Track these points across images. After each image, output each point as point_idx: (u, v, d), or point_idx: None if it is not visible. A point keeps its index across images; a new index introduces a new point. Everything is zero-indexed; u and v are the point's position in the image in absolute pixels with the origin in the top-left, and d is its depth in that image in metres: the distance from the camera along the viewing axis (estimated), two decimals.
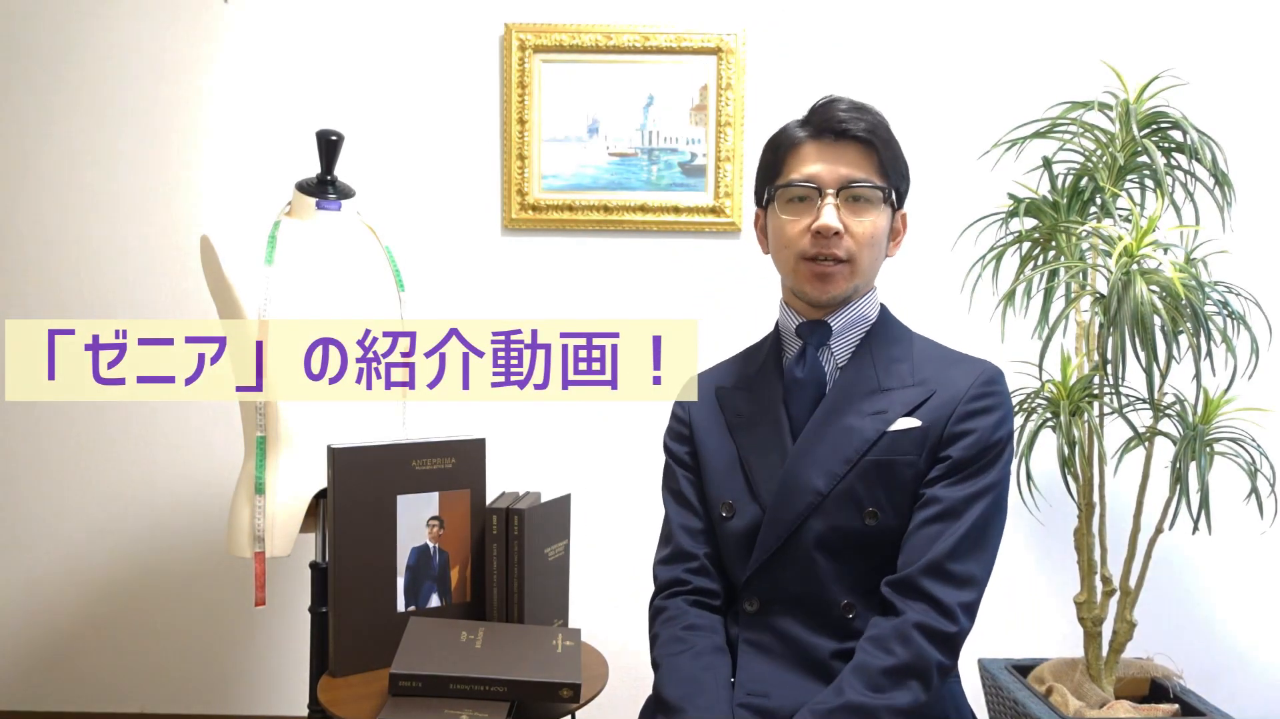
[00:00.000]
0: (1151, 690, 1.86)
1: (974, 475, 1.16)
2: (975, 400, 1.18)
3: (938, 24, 2.28)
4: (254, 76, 2.30)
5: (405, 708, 1.33)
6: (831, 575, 1.18)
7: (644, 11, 2.28)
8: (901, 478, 1.17)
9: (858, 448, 1.17)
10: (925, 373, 1.22)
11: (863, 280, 1.23)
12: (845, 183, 1.19)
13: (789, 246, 1.23)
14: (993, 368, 1.22)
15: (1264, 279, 1.98)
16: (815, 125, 1.22)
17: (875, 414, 1.19)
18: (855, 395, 1.21)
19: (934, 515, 1.15)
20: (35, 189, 2.31)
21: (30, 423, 2.34)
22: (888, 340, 1.26)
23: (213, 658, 2.37)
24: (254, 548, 1.63)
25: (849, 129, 1.19)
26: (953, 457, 1.16)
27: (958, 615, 1.11)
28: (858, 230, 1.20)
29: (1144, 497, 1.75)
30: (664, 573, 1.31)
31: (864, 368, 1.23)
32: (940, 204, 2.24)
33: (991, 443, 1.17)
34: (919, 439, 1.17)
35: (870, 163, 1.20)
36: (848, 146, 1.20)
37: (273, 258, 1.67)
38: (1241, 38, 2.27)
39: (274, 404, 1.63)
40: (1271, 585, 2.32)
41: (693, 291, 2.32)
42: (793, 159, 1.23)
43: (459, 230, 2.32)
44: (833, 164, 1.20)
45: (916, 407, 1.18)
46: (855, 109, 1.21)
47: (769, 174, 1.27)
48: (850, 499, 1.17)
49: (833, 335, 1.25)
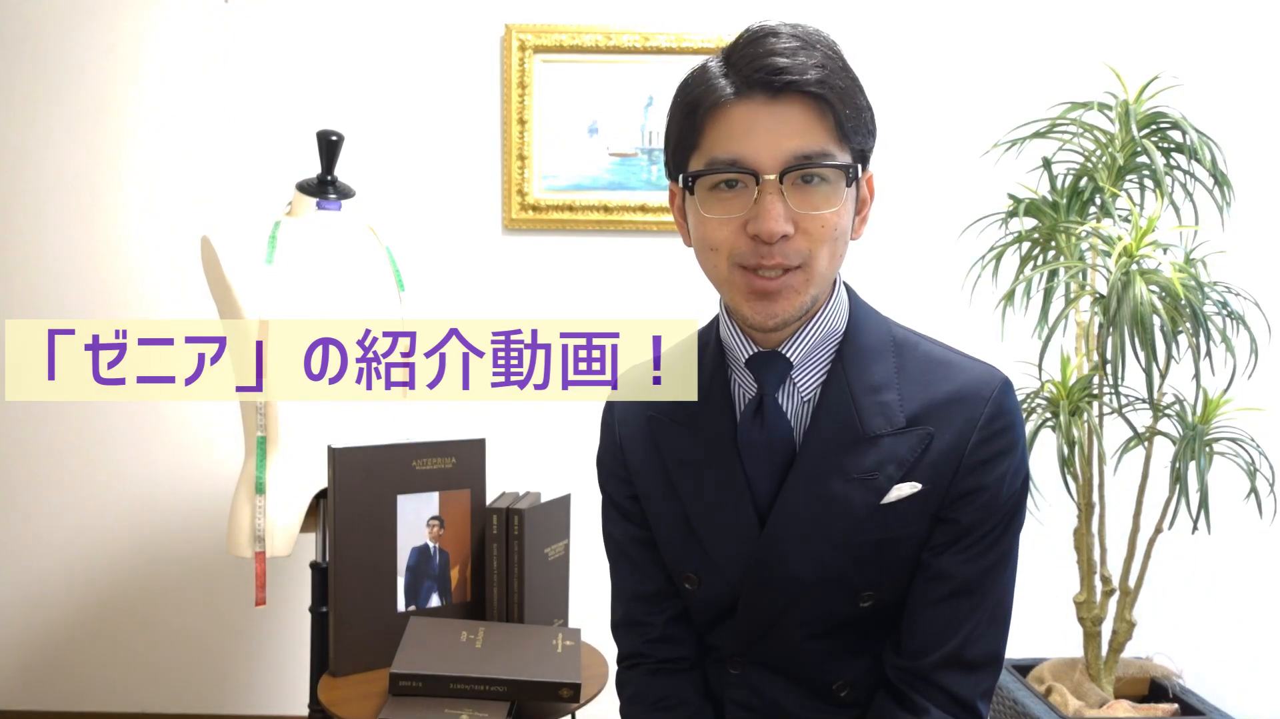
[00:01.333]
0: (1151, 690, 1.86)
1: (990, 542, 0.93)
2: (984, 445, 0.91)
3: (938, 24, 2.28)
4: (254, 76, 2.30)
5: (405, 708, 1.33)
6: (823, 654, 0.98)
7: (644, 11, 2.28)
8: (903, 553, 0.93)
9: (847, 530, 0.91)
10: (917, 401, 0.92)
11: (822, 286, 0.90)
12: (791, 162, 0.84)
13: (717, 250, 0.89)
14: (999, 384, 0.93)
15: (1263, 279, 1.99)
16: (743, 75, 0.85)
17: (864, 480, 0.91)
18: (834, 449, 0.92)
19: (946, 594, 0.92)
20: (35, 189, 2.31)
21: (30, 423, 2.34)
22: (865, 357, 0.94)
23: (213, 658, 2.37)
24: (254, 548, 1.63)
25: (793, 80, 0.83)
26: (961, 521, 0.92)
27: (978, 706, 0.94)
28: (812, 226, 0.85)
29: (1143, 496, 1.75)
30: (622, 641, 1.09)
31: (841, 406, 0.93)
32: (940, 203, 2.24)
33: (1004, 500, 0.92)
34: (920, 506, 0.91)
35: (824, 126, 0.85)
36: (791, 104, 0.84)
37: (273, 258, 1.67)
38: (1240, 38, 2.27)
39: (274, 404, 1.63)
40: (1271, 585, 2.32)
41: (693, 292, 2.32)
42: (713, 126, 0.86)
43: (459, 230, 2.32)
44: (772, 134, 0.84)
45: (913, 464, 0.91)
46: (799, 44, 0.85)
47: (682, 145, 0.90)
48: (841, 584, 0.94)
49: (795, 367, 0.94)
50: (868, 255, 2.14)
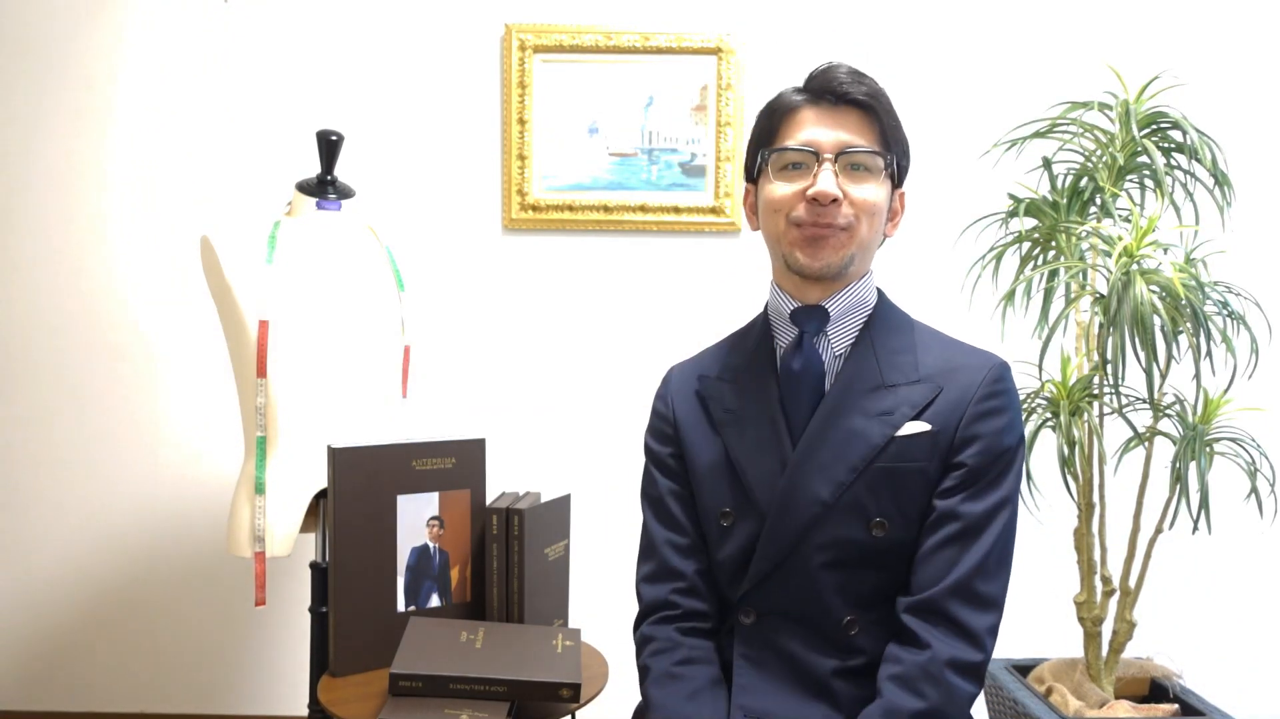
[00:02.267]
0: (1151, 690, 1.86)
1: (991, 486, 1.09)
2: (985, 400, 1.10)
3: (938, 25, 2.28)
4: (254, 76, 2.30)
5: (405, 708, 1.33)
6: (834, 589, 1.10)
7: (644, 11, 2.28)
8: (911, 486, 1.09)
9: (865, 454, 1.09)
10: (930, 366, 1.13)
11: (860, 251, 1.14)
12: (844, 148, 1.11)
13: (780, 211, 1.14)
14: (999, 362, 1.14)
15: (1263, 279, 1.99)
16: (813, 90, 1.15)
17: (881, 416, 1.10)
18: (858, 392, 1.12)
19: (954, 534, 1.07)
20: (35, 189, 2.31)
21: (30, 423, 2.34)
22: (888, 328, 1.17)
23: (213, 658, 2.37)
24: (254, 548, 1.63)
25: (849, 93, 1.12)
26: (967, 464, 1.09)
27: (985, 642, 1.06)
28: (857, 197, 1.11)
29: (1144, 497, 1.75)
30: (650, 592, 1.21)
31: (865, 360, 1.14)
32: (941, 203, 2.24)
33: (1003, 449, 1.10)
34: (929, 444, 1.09)
35: (871, 130, 1.13)
36: (848, 112, 1.13)
37: (273, 258, 1.67)
38: (1241, 38, 2.27)
39: (274, 404, 1.63)
40: (1271, 585, 2.32)
41: (693, 291, 2.32)
42: (788, 124, 1.14)
43: (459, 230, 2.32)
44: (832, 129, 1.12)
45: (924, 408, 1.10)
46: (855, 75, 1.14)
47: (763, 140, 1.18)
48: (856, 509, 1.09)
49: (830, 321, 1.16)
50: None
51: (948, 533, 1.08)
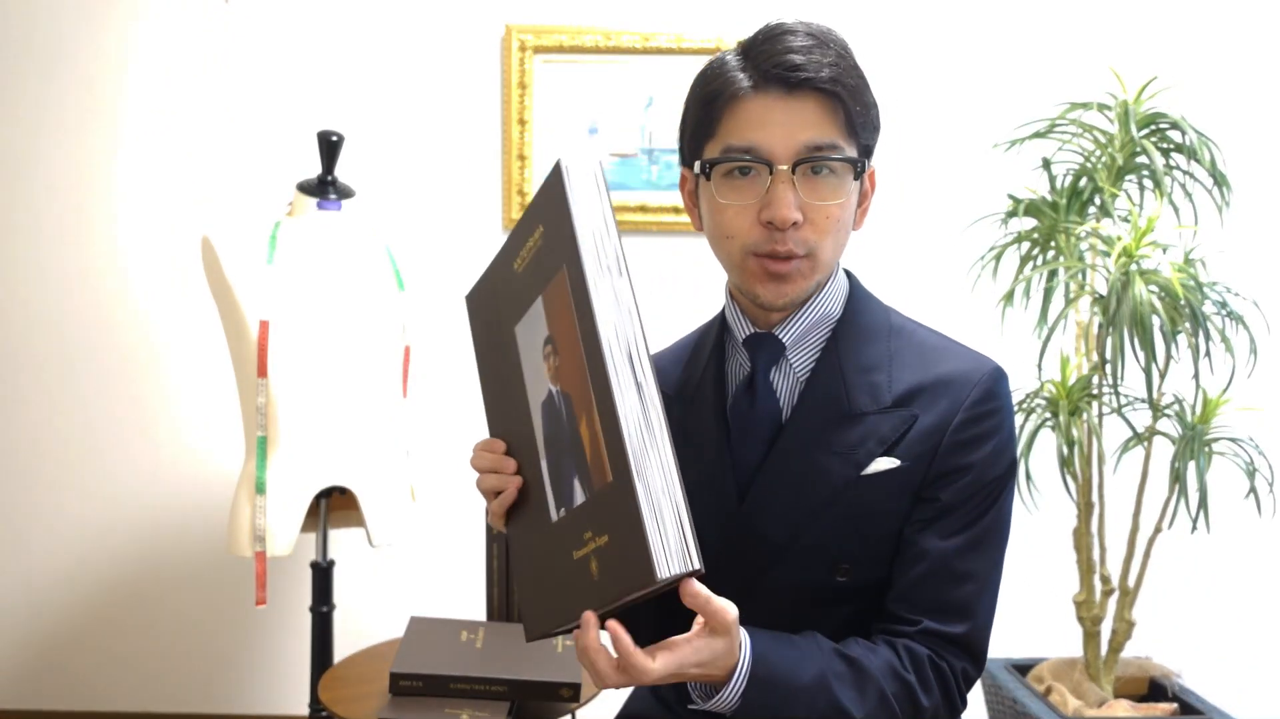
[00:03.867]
0: (1150, 689, 1.86)
1: (970, 521, 0.93)
2: (967, 427, 0.93)
3: (938, 25, 2.28)
4: (254, 76, 2.30)
5: (405, 708, 1.34)
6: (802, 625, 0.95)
7: (644, 11, 2.28)
8: (880, 528, 0.94)
9: (824, 498, 0.93)
10: (906, 385, 0.95)
11: (825, 273, 0.96)
12: (803, 153, 0.89)
13: (732, 237, 0.93)
14: (989, 371, 0.96)
15: (1262, 279, 1.99)
16: (760, 69, 0.90)
17: (844, 454, 0.93)
18: (819, 425, 0.95)
19: (925, 571, 0.93)
20: (35, 189, 2.31)
21: (31, 423, 2.34)
22: (859, 339, 0.99)
23: (213, 658, 2.37)
24: (254, 548, 1.64)
25: (808, 77, 0.88)
26: (942, 499, 0.93)
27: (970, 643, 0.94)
28: (819, 217, 0.91)
29: (1143, 496, 1.75)
30: None
31: (830, 383, 0.96)
32: (941, 203, 2.24)
33: (988, 481, 0.94)
34: (897, 482, 0.93)
35: (835, 120, 0.90)
36: (805, 100, 0.89)
37: (273, 258, 1.67)
38: (1240, 39, 2.27)
39: (274, 404, 1.64)
40: (1271, 585, 2.32)
41: (693, 292, 2.32)
42: (730, 116, 0.91)
43: (459, 230, 2.32)
44: (786, 126, 0.89)
45: (895, 442, 0.93)
46: (814, 42, 0.90)
47: (699, 133, 0.95)
48: (818, 553, 0.94)
49: (787, 350, 0.99)
50: (868, 254, 2.14)
51: (920, 571, 0.93)
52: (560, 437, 0.84)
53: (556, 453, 0.85)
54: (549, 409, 0.86)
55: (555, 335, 0.84)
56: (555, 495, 0.85)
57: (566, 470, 0.83)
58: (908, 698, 0.90)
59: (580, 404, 0.80)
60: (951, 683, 0.93)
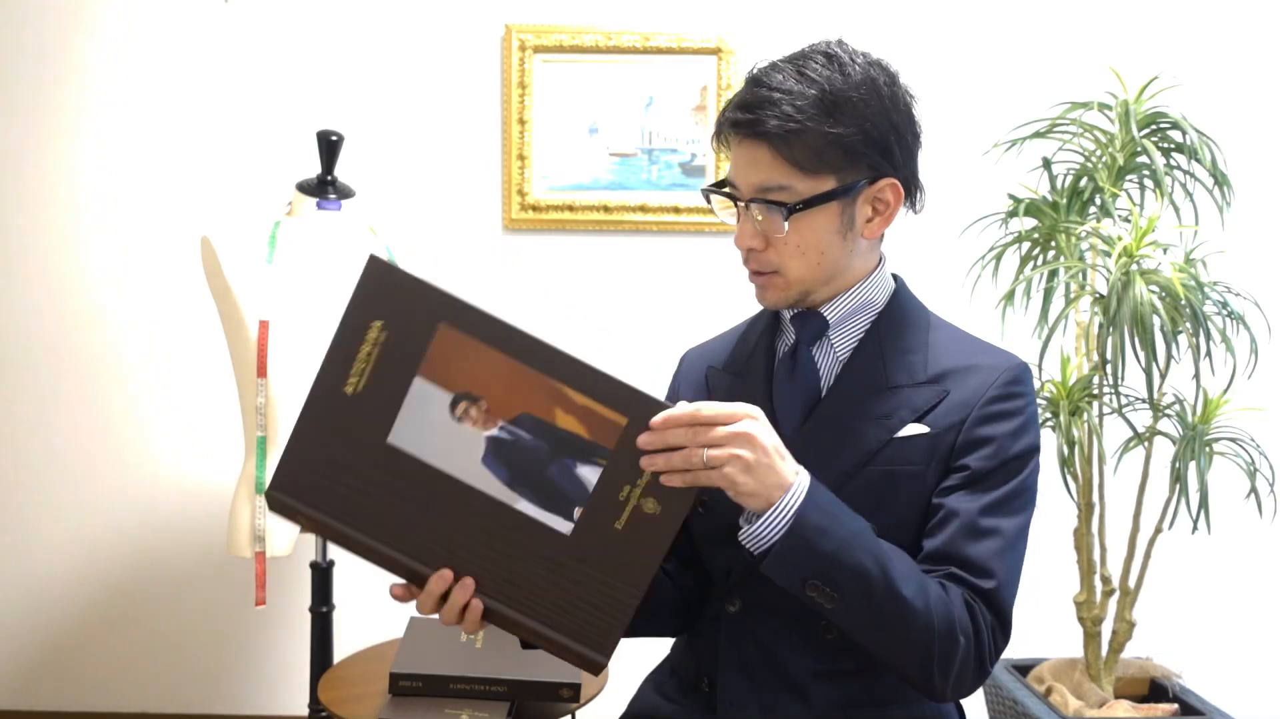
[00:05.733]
0: (1151, 690, 1.86)
1: (995, 486, 1.00)
2: (994, 403, 1.02)
3: (938, 25, 2.28)
4: (254, 76, 2.30)
5: (405, 707, 1.34)
6: None
7: (644, 12, 2.28)
8: (905, 491, 1.01)
9: (856, 458, 1.01)
10: (940, 366, 1.05)
11: (811, 284, 1.05)
12: (754, 194, 1.01)
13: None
14: (1016, 364, 1.06)
15: (1263, 279, 1.98)
16: (725, 116, 1.03)
17: (879, 419, 1.03)
18: (856, 396, 1.05)
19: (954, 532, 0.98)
20: (35, 189, 2.31)
21: (30, 423, 2.34)
22: (900, 327, 1.08)
23: (213, 658, 2.37)
24: (254, 548, 1.64)
25: (751, 132, 0.99)
26: (970, 467, 1.00)
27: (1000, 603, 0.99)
28: (779, 243, 1.02)
29: (1143, 496, 1.75)
30: None
31: (870, 361, 1.06)
32: (940, 203, 2.23)
33: (1013, 454, 1.01)
34: (926, 447, 1.01)
35: (785, 163, 0.99)
36: (757, 145, 1.00)
37: (273, 258, 1.67)
38: (1240, 39, 2.27)
39: (274, 404, 1.63)
40: (1271, 585, 2.32)
41: (693, 292, 2.32)
42: (725, 151, 1.06)
43: (459, 230, 2.32)
44: (743, 168, 1.02)
45: (927, 411, 1.02)
46: (761, 95, 0.99)
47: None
48: None
49: (830, 327, 1.08)
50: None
51: (947, 532, 0.99)
52: (535, 457, 0.86)
53: (537, 474, 0.86)
54: (501, 451, 0.86)
55: (467, 385, 0.85)
56: (555, 510, 0.87)
57: (562, 474, 0.86)
58: (946, 611, 0.94)
59: (545, 404, 0.84)
60: (984, 631, 0.96)
